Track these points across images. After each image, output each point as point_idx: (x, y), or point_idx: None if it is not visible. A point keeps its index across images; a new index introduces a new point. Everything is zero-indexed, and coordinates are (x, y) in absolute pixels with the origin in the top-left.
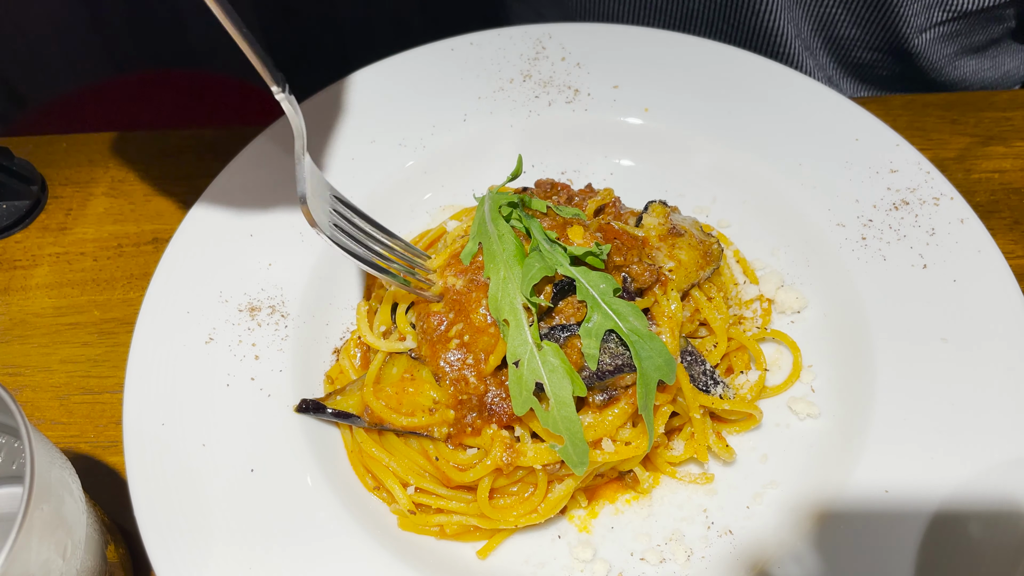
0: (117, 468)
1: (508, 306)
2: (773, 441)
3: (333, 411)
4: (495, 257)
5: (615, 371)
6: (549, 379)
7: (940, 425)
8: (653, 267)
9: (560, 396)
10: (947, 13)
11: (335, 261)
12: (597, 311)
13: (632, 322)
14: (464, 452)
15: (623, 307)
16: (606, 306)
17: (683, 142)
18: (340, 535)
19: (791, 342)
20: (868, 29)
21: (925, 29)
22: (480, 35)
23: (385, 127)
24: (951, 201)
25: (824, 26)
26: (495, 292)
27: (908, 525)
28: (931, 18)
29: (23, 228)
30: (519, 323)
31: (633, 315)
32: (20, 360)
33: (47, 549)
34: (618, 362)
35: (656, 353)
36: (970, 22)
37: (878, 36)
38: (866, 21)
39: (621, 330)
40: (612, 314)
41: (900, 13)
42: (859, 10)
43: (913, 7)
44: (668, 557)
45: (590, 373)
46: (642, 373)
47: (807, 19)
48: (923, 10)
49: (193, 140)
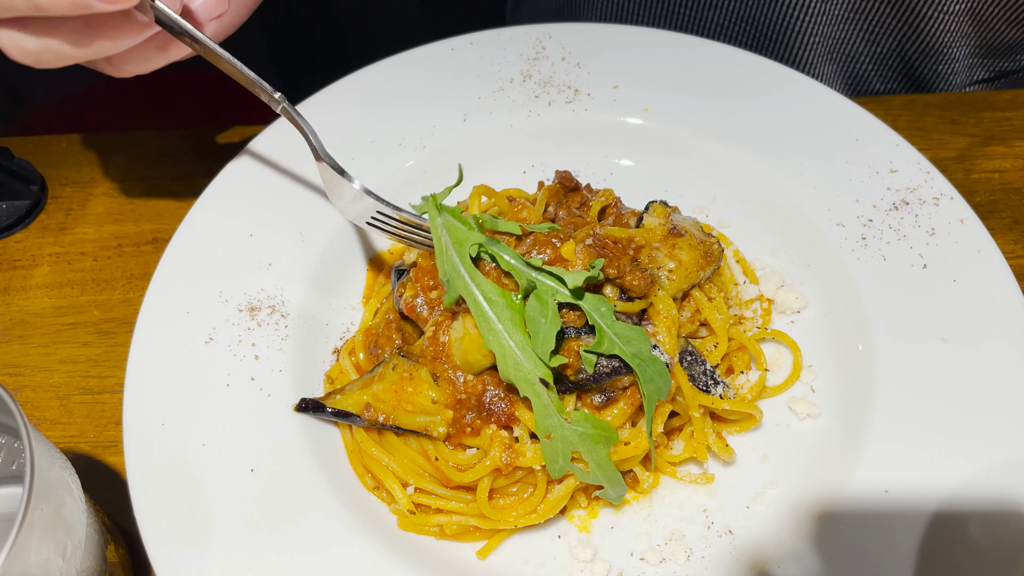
0: (117, 468)
1: (523, 382)
2: (773, 441)
3: (333, 410)
4: (489, 323)
5: (612, 373)
6: (583, 448)
7: (940, 425)
8: (646, 273)
9: (598, 458)
10: (990, 72)
11: (335, 261)
12: (603, 336)
13: (636, 345)
14: (463, 452)
15: (625, 331)
16: (610, 331)
17: (683, 142)
18: (340, 535)
19: (791, 342)
20: (905, 84)
21: (965, 86)
22: (480, 35)
23: (385, 127)
24: (951, 201)
25: (858, 81)
26: (504, 365)
27: (908, 525)
28: (973, 76)
29: (23, 228)
30: (539, 399)
31: (637, 339)
32: (20, 360)
33: (47, 549)
34: (615, 363)
35: (658, 375)
36: (1012, 80)
37: (912, 90)
38: (904, 78)
39: (624, 353)
40: (616, 339)
41: (940, 72)
42: (895, 70)
43: (953, 67)
44: (668, 557)
45: (586, 376)
46: (646, 395)
47: (840, 75)
48: (965, 69)
49: (193, 140)
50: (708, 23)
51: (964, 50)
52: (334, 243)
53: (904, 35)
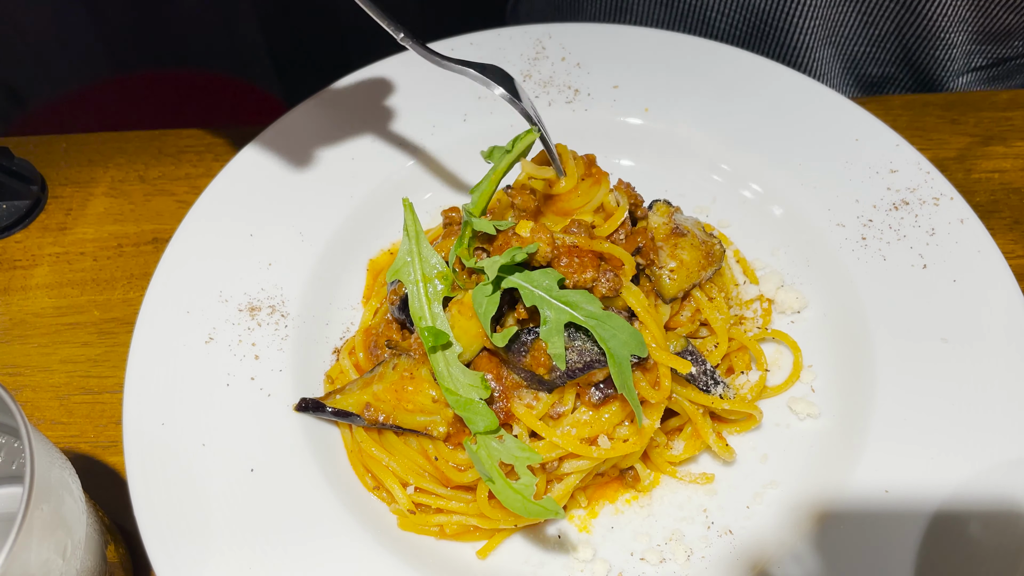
0: (117, 468)
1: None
2: (773, 441)
3: (333, 410)
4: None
5: (585, 368)
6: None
7: (940, 425)
8: (611, 275)
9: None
10: (987, 59)
11: (335, 261)
12: (549, 308)
13: (586, 307)
14: (463, 452)
15: (573, 296)
16: (556, 301)
17: (683, 142)
18: (340, 535)
19: (792, 342)
20: (901, 69)
21: (963, 73)
22: (480, 35)
23: (385, 127)
24: (951, 201)
25: (856, 65)
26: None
27: (908, 525)
28: (971, 63)
29: (23, 228)
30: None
31: (585, 301)
32: (20, 360)
33: (47, 549)
34: (587, 358)
35: (618, 329)
36: (1009, 67)
37: (911, 77)
38: (900, 62)
39: (577, 318)
40: (564, 307)
41: (937, 57)
42: (893, 51)
43: (952, 52)
44: (668, 557)
45: (560, 373)
46: (611, 354)
47: (838, 58)
48: (963, 55)
49: (193, 140)
50: (705, 7)
51: (962, 35)
52: (334, 243)
53: (902, 17)
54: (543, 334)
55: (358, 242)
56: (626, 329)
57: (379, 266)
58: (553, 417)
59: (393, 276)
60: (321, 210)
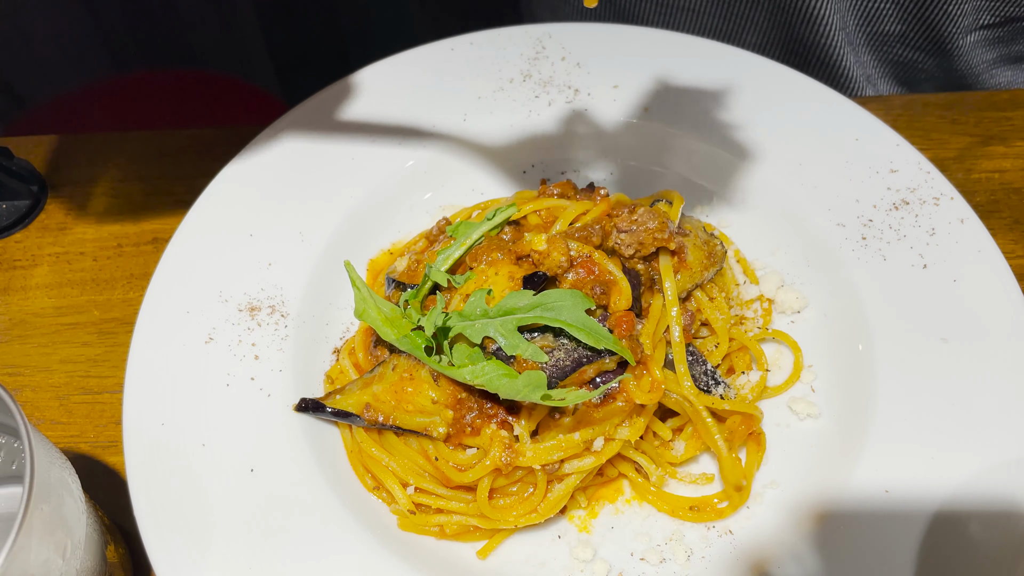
0: (117, 468)
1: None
2: (773, 441)
3: (333, 410)
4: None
5: (576, 366)
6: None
7: (940, 425)
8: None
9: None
10: (996, 17)
11: (335, 261)
12: (493, 329)
13: (522, 306)
14: (463, 452)
15: (509, 301)
16: (495, 319)
17: (683, 142)
18: (340, 535)
19: (792, 342)
20: (913, 26)
21: (971, 31)
22: (480, 35)
23: (385, 127)
24: (951, 201)
25: (870, 20)
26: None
27: (908, 525)
28: (979, 20)
29: (23, 228)
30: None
31: (519, 299)
32: (20, 360)
33: (47, 549)
34: (575, 355)
35: (557, 300)
36: (1015, 29)
37: (922, 34)
38: (912, 17)
39: (525, 320)
40: (506, 317)
41: (948, 12)
42: (907, 5)
43: (963, 7)
44: (668, 557)
45: (551, 373)
46: (568, 323)
47: (853, 12)
48: (972, 11)
49: (193, 140)
50: None
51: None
52: (334, 243)
53: None
54: (507, 350)
55: (358, 242)
56: (564, 296)
57: (379, 266)
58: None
59: (359, 316)
60: (321, 210)
